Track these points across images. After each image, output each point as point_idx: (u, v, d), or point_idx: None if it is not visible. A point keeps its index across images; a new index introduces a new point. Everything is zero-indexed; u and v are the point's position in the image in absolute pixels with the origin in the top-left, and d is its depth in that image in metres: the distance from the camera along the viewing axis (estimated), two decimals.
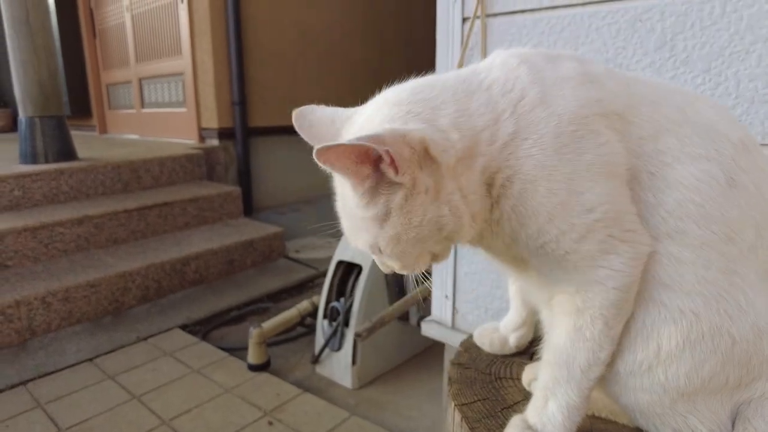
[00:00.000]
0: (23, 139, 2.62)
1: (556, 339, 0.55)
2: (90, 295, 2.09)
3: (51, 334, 1.99)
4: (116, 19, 3.97)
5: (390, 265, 0.57)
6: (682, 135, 0.54)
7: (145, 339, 1.99)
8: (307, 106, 0.59)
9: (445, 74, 0.56)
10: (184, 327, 2.11)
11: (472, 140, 0.50)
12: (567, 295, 0.54)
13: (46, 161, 2.62)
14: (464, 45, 1.02)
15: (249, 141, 3.29)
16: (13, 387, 1.65)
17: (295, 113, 0.59)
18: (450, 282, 1.16)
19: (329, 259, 2.13)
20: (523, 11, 0.97)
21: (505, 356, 0.78)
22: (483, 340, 0.80)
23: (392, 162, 0.46)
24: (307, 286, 2.54)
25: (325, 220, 0.61)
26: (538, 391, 0.57)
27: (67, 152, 2.70)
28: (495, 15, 1.00)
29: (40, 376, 1.72)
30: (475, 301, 1.13)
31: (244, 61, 3.17)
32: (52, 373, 1.74)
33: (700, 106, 0.57)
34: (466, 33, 1.02)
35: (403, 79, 0.56)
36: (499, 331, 0.79)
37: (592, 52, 0.91)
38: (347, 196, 0.53)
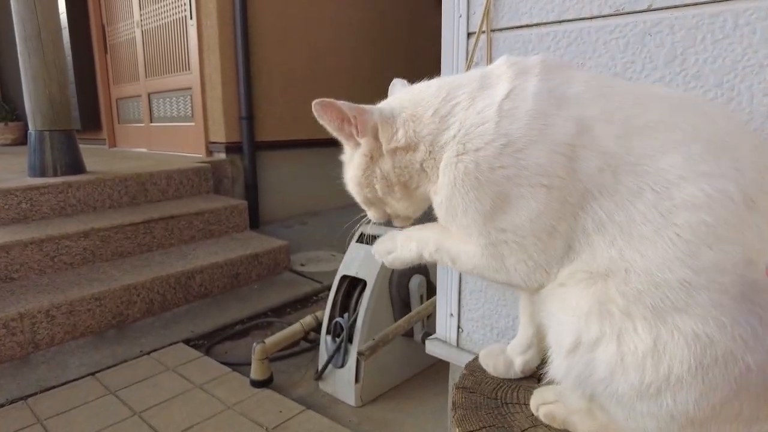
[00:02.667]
0: (32, 152, 2.65)
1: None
2: (94, 309, 2.08)
3: (54, 348, 1.98)
4: (127, 35, 4.03)
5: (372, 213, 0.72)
6: (691, 153, 0.52)
7: (149, 353, 1.97)
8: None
9: (445, 79, 0.66)
10: (187, 341, 2.09)
11: (414, 140, 0.62)
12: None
13: (55, 174, 2.64)
14: (469, 60, 1.01)
15: (256, 155, 3.30)
16: (13, 402, 1.64)
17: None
18: (455, 300, 1.13)
19: (334, 272, 2.10)
20: (529, 26, 0.96)
21: (511, 380, 0.75)
22: (487, 362, 0.77)
23: (356, 125, 0.63)
24: (312, 300, 2.51)
25: (331, 233, 0.69)
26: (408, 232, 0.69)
27: (75, 165, 2.72)
28: (500, 30, 0.98)
29: (41, 391, 1.70)
30: (481, 319, 1.10)
31: (252, 76, 3.19)
32: (54, 387, 1.72)
33: (720, 123, 0.55)
34: (471, 48, 1.01)
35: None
36: (505, 354, 0.76)
37: (599, 67, 0.90)
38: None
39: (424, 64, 1.02)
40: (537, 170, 0.53)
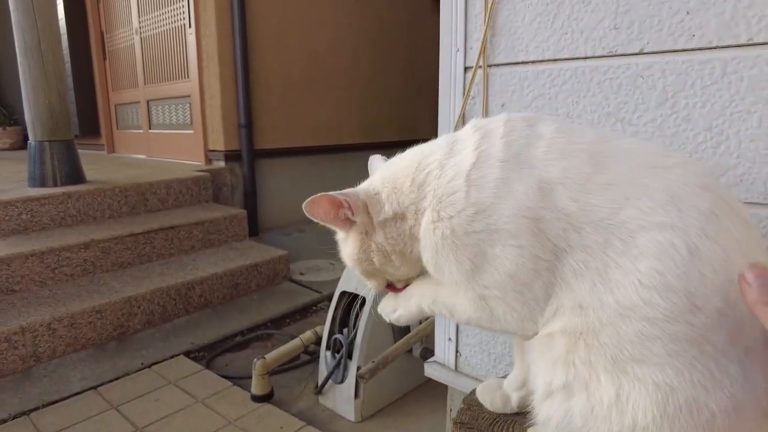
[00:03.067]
0: (32, 162, 2.66)
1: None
2: (95, 321, 2.10)
3: (56, 361, 2.00)
4: (126, 42, 4.04)
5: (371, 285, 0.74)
6: (643, 206, 0.55)
7: (150, 366, 2.00)
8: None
9: (417, 148, 0.70)
10: (188, 353, 2.12)
11: (399, 211, 0.66)
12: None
13: (55, 184, 2.65)
14: (466, 94, 1.04)
15: (255, 162, 3.32)
16: (16, 417, 1.66)
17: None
18: (453, 324, 1.16)
19: (333, 281, 2.12)
20: (525, 62, 0.98)
21: (507, 415, 0.77)
22: (484, 397, 0.80)
23: (350, 207, 0.66)
24: (311, 310, 2.54)
25: (329, 241, 0.75)
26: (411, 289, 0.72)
27: (75, 175, 2.73)
28: (497, 65, 1.01)
29: (43, 405, 1.72)
30: (479, 345, 1.13)
31: (251, 85, 3.21)
32: (56, 402, 1.74)
33: (668, 174, 0.58)
34: (468, 82, 1.03)
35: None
36: (502, 389, 0.79)
37: (593, 106, 0.92)
38: None
39: (423, 64, 1.05)
40: (506, 233, 0.57)
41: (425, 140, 0.69)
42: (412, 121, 4.27)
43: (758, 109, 0.77)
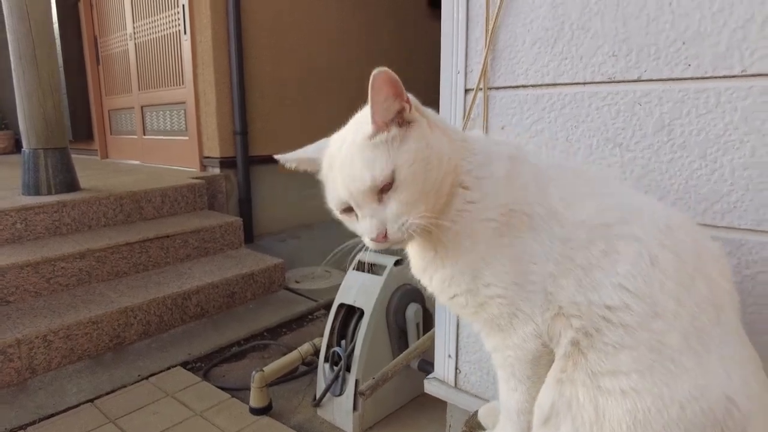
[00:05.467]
0: (26, 170, 2.64)
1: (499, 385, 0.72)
2: (91, 332, 2.09)
3: (51, 373, 1.99)
4: (119, 47, 4.02)
5: (391, 213, 0.62)
6: (622, 215, 0.63)
7: (147, 378, 1.99)
8: (282, 158, 0.74)
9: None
10: (185, 364, 2.11)
11: (447, 131, 0.68)
12: (491, 351, 0.71)
13: (49, 192, 2.64)
14: (467, 116, 1.05)
15: (250, 169, 3.32)
16: (13, 431, 1.65)
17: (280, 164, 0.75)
18: (452, 341, 1.17)
19: (329, 289, 2.12)
20: (525, 86, 1.00)
21: None
22: (486, 421, 0.81)
23: (408, 102, 0.63)
24: (307, 319, 2.54)
25: (324, 248, 0.73)
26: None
27: (69, 183, 2.72)
28: (497, 88, 1.03)
29: (40, 419, 1.71)
30: (478, 362, 1.14)
31: (246, 91, 3.21)
32: (53, 416, 1.73)
33: (635, 198, 0.68)
34: (468, 104, 1.05)
35: None
36: None
37: (592, 131, 0.94)
38: (355, 141, 0.64)
39: (418, 70, 1.07)
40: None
41: None
42: None
43: (751, 139, 0.80)
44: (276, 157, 0.73)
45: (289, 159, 0.72)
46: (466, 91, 1.06)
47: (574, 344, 0.61)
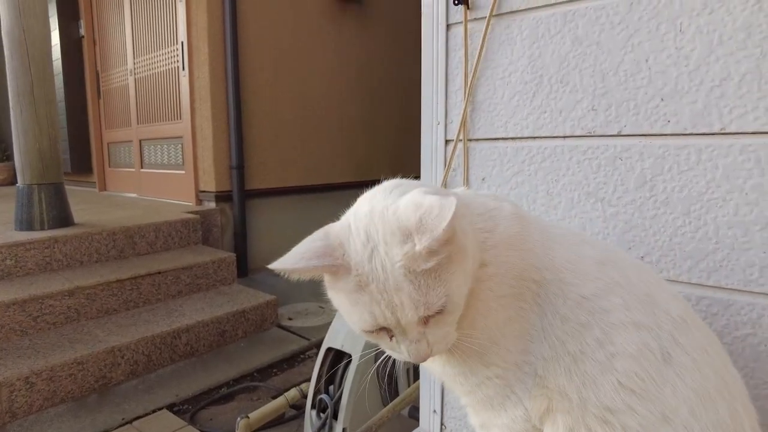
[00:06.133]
0: (20, 206, 2.64)
1: None
2: (76, 373, 2.04)
3: (32, 417, 1.94)
4: (120, 81, 4.08)
5: (438, 335, 0.56)
6: (627, 298, 0.57)
7: (131, 422, 1.93)
8: (278, 263, 0.59)
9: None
10: (172, 406, 2.06)
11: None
12: (476, 427, 0.67)
13: (42, 228, 2.63)
14: (447, 166, 1.04)
15: (246, 203, 3.31)
16: None
17: (278, 268, 0.59)
18: (438, 396, 1.13)
19: (322, 327, 2.07)
20: (504, 138, 0.99)
21: None
22: None
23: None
24: (299, 359, 2.49)
25: (319, 283, 0.62)
26: None
27: (63, 218, 2.71)
28: (477, 140, 1.02)
29: None
30: (463, 418, 1.10)
31: (243, 127, 3.24)
32: None
33: (643, 275, 0.60)
34: (449, 154, 1.04)
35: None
36: None
37: (573, 185, 0.92)
38: (396, 264, 0.53)
39: (416, 111, 1.05)
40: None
41: (417, 177, 0.70)
42: (403, 158, 4.30)
43: (734, 198, 0.78)
44: (271, 267, 0.59)
45: (291, 270, 0.58)
46: (447, 141, 1.05)
47: None
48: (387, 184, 0.63)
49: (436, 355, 0.57)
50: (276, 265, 0.57)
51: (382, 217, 0.55)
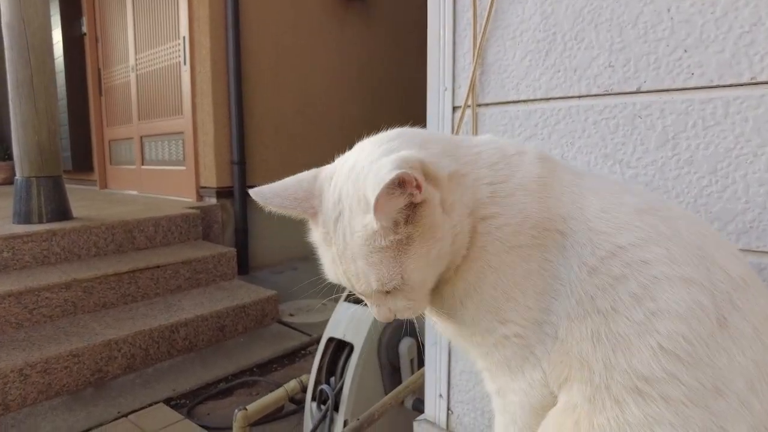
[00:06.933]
0: (18, 198, 2.60)
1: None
2: (71, 366, 1.99)
3: (26, 409, 1.88)
4: (122, 78, 4.06)
5: (399, 306, 0.55)
6: (673, 250, 0.49)
7: (126, 415, 1.88)
8: (256, 190, 0.59)
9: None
10: (168, 401, 2.00)
11: (460, 169, 0.54)
12: (492, 394, 0.63)
13: (40, 221, 2.59)
14: (455, 134, 0.99)
15: (247, 199, 3.27)
16: None
17: (254, 196, 0.59)
18: (444, 380, 1.07)
19: (323, 323, 2.01)
20: (516, 102, 0.94)
21: None
22: None
23: (418, 187, 0.48)
24: (300, 355, 2.43)
25: (323, 279, 0.62)
26: None
27: (61, 212, 2.67)
28: (486, 105, 0.97)
29: None
30: (471, 402, 1.04)
31: (244, 122, 3.20)
32: None
33: (696, 227, 0.53)
34: (456, 122, 0.99)
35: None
36: None
37: (589, 147, 0.87)
38: (355, 235, 0.52)
39: (414, 99, 1.01)
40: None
41: None
42: None
43: (766, 152, 0.72)
44: (250, 192, 0.59)
45: (268, 202, 0.57)
46: (454, 108, 1.00)
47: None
48: (383, 135, 0.60)
49: (404, 318, 0.57)
50: (255, 191, 0.58)
51: (356, 180, 0.52)
